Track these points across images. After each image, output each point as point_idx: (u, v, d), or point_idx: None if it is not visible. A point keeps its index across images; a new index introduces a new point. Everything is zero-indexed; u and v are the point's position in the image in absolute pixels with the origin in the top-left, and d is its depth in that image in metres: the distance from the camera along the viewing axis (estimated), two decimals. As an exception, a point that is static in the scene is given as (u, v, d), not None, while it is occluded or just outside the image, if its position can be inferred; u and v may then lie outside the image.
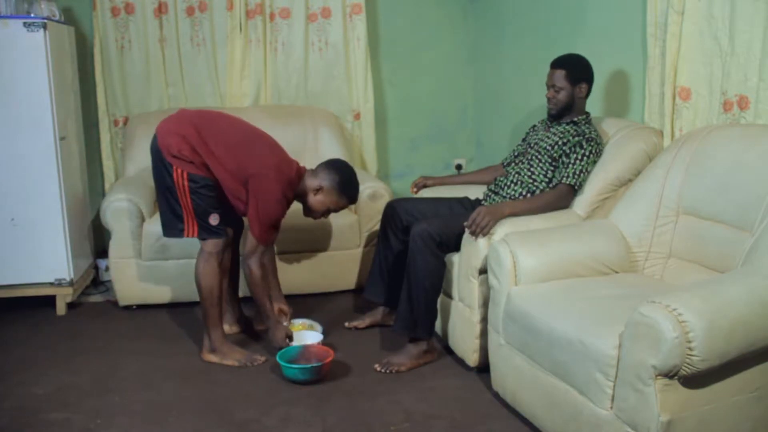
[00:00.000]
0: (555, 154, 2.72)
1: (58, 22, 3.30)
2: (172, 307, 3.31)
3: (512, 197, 2.77)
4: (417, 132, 4.50)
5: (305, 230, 3.40)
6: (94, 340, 2.97)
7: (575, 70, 2.75)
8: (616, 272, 2.37)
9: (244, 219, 2.78)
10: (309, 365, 2.54)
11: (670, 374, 1.66)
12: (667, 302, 1.67)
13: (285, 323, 2.87)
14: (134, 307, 3.32)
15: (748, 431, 1.83)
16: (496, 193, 2.85)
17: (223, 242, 2.66)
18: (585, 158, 2.66)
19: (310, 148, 3.92)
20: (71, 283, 3.26)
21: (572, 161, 2.66)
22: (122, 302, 3.30)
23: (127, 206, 3.20)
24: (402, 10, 4.33)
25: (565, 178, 2.65)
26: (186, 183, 2.55)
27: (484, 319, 2.51)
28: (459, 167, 4.53)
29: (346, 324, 3.08)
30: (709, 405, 1.75)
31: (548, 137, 2.80)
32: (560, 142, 2.73)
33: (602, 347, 1.83)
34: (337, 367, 2.65)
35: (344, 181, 2.73)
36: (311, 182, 2.71)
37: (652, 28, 2.70)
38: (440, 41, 4.43)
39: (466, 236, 2.56)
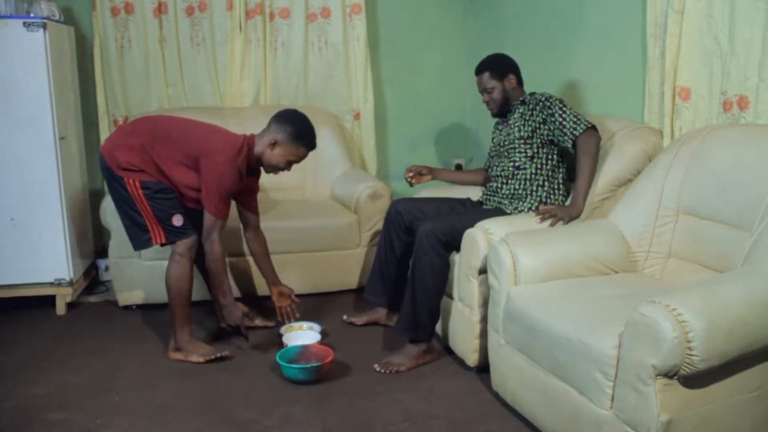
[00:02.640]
0: (525, 134, 2.79)
1: (57, 22, 3.30)
2: (172, 307, 3.30)
3: (510, 194, 2.81)
4: (417, 132, 4.50)
5: (305, 230, 3.41)
6: (94, 340, 2.97)
7: (497, 67, 2.93)
8: (616, 272, 2.37)
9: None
10: (309, 365, 2.54)
11: (669, 374, 1.66)
12: (667, 302, 1.67)
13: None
14: (134, 307, 3.32)
15: (748, 431, 1.83)
16: (495, 194, 2.87)
17: (192, 241, 2.69)
18: (564, 108, 2.70)
19: (310, 148, 3.93)
20: (71, 283, 3.26)
21: (560, 119, 2.69)
22: (122, 302, 3.30)
23: (127, 206, 3.20)
24: (402, 10, 4.33)
25: (574, 131, 2.64)
26: (140, 192, 2.60)
27: (484, 319, 2.51)
28: (459, 167, 4.53)
29: (344, 317, 3.10)
30: (709, 405, 1.75)
31: (511, 128, 2.87)
32: (523, 123, 2.80)
33: (602, 347, 1.83)
34: (337, 367, 2.65)
35: (298, 130, 2.72)
36: (265, 138, 2.71)
37: (651, 28, 2.70)
38: (440, 41, 4.43)
39: (466, 236, 2.56)
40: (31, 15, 3.12)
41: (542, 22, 3.64)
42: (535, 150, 2.78)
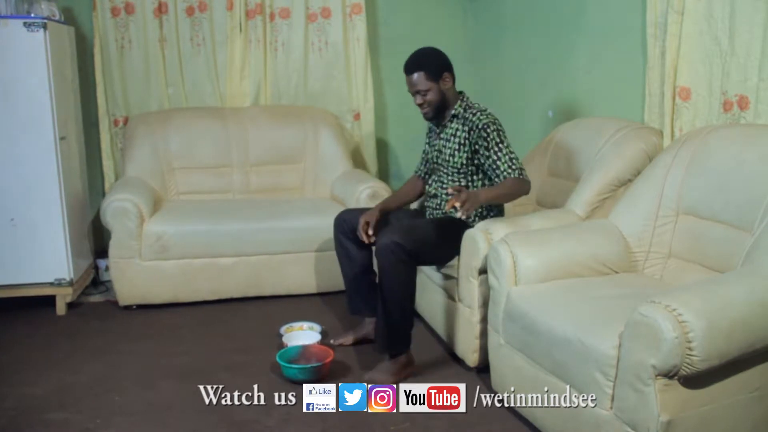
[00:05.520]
0: (459, 161, 2.65)
1: (58, 22, 3.30)
2: (171, 307, 3.30)
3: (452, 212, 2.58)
4: (417, 132, 4.48)
5: (305, 230, 3.41)
6: (94, 340, 2.97)
7: (430, 65, 2.66)
8: (616, 272, 2.37)
9: None
10: (309, 365, 2.54)
11: (669, 374, 1.66)
12: (667, 302, 1.68)
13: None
14: (134, 307, 3.32)
15: (748, 431, 1.83)
16: (438, 208, 2.76)
17: None
18: (500, 144, 2.53)
19: (310, 148, 3.93)
20: (71, 283, 3.26)
21: (495, 157, 2.53)
22: (122, 302, 3.30)
23: (127, 206, 3.20)
24: (402, 10, 4.33)
25: (506, 173, 2.51)
26: None
27: (484, 319, 2.51)
28: (459, 167, 4.53)
29: (332, 341, 2.88)
30: (709, 405, 1.75)
31: (445, 146, 2.70)
32: (458, 147, 2.64)
33: (602, 347, 1.83)
34: (337, 367, 2.64)
35: None
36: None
37: (651, 28, 2.69)
38: (440, 41, 4.37)
39: (466, 236, 2.56)
40: (32, 15, 3.12)
41: (542, 22, 3.64)
42: (469, 178, 2.66)
